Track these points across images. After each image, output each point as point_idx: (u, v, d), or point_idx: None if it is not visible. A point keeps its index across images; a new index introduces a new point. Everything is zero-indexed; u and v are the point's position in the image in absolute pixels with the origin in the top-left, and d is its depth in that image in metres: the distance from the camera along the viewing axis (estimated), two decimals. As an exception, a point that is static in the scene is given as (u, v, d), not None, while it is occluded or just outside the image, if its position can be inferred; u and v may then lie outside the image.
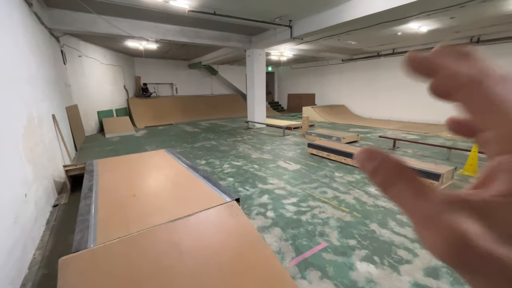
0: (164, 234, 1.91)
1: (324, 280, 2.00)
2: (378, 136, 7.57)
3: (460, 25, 7.16)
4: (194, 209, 2.22)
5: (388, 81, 11.72)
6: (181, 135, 8.87)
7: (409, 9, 5.34)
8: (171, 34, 7.61)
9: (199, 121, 12.73)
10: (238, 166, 5.03)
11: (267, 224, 2.87)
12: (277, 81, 18.92)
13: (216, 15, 6.06)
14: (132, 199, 2.47)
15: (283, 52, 10.68)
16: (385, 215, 2.99)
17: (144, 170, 3.54)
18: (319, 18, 6.55)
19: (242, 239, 1.97)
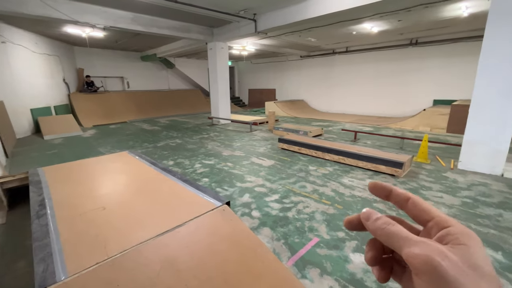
0: (155, 251, 1.64)
1: (325, 277, 2.00)
2: (340, 129, 8.05)
3: (405, 27, 8.00)
4: (182, 218, 1.98)
5: (342, 77, 12.57)
6: (139, 134, 8.09)
7: (366, 10, 5.72)
8: (123, 22, 6.79)
9: (157, 118, 11.82)
10: (211, 165, 4.79)
11: (255, 224, 2.77)
12: (238, 76, 18.71)
13: (178, 3, 5.59)
14: (102, 214, 2.09)
15: (245, 46, 10.52)
16: (363, 205, 3.16)
17: (107, 176, 3.07)
18: (284, 13, 6.57)
19: (243, 247, 1.83)
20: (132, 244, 1.67)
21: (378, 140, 6.57)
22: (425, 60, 9.83)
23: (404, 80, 10.50)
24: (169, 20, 7.62)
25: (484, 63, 3.94)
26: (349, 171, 4.37)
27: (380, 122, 9.54)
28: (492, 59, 3.86)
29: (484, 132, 4.08)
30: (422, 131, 7.86)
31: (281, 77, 15.70)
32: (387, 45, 10.58)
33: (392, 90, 10.88)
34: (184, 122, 10.46)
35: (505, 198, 3.31)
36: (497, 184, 3.74)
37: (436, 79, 9.65)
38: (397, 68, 10.63)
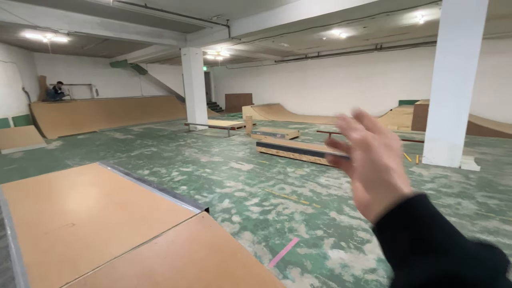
0: (130, 265, 1.58)
1: (305, 275, 2.05)
2: (315, 130, 8.31)
3: (370, 33, 8.53)
4: (159, 229, 1.93)
5: (315, 81, 13.04)
6: (111, 143, 7.71)
7: (333, 17, 6.02)
8: (89, 27, 6.48)
9: (130, 127, 11.34)
10: (189, 172, 4.70)
11: (236, 229, 2.76)
12: (213, 81, 18.61)
13: (148, 8, 5.47)
14: (71, 230, 1.96)
15: (220, 51, 10.53)
16: (340, 202, 3.29)
17: (76, 190, 2.89)
18: (256, 19, 6.70)
19: (224, 253, 1.82)
20: (105, 260, 1.59)
21: (351, 140, 6.88)
22: (390, 63, 10.55)
23: (372, 83, 11.15)
24: (140, 26, 7.41)
25: (438, 66, 4.33)
26: (325, 171, 4.53)
27: (352, 122, 10.00)
28: (445, 62, 4.26)
29: (442, 128, 4.46)
30: (390, 129, 8.37)
31: (257, 82, 15.89)
32: (355, 50, 11.19)
33: (362, 92, 11.50)
34: (159, 130, 10.14)
35: (463, 188, 3.63)
36: (456, 175, 4.10)
37: (400, 81, 10.37)
38: (365, 72, 11.27)
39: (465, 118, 4.26)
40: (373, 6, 5.02)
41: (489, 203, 3.17)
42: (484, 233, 2.55)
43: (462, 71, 4.13)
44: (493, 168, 4.38)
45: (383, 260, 2.18)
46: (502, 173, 4.14)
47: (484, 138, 6.68)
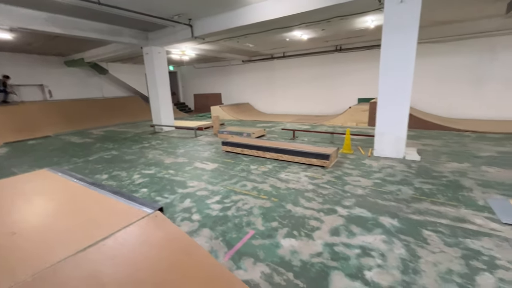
0: (74, 268, 1.56)
1: (257, 264, 2.18)
2: (280, 128, 8.59)
3: (328, 36, 9.04)
4: (109, 231, 1.92)
5: (282, 80, 13.42)
6: (67, 148, 7.20)
7: (293, 19, 6.29)
8: (35, 23, 5.98)
9: (89, 130, 10.65)
10: (151, 175, 4.61)
11: (195, 227, 2.81)
12: (181, 81, 18.17)
13: (102, 5, 5.22)
14: (11, 239, 1.86)
15: (184, 51, 10.35)
16: (296, 195, 3.51)
17: (20, 198, 2.70)
18: (219, 19, 6.74)
19: (174, 248, 1.87)
20: (47, 265, 1.55)
21: (313, 137, 7.26)
22: (349, 64, 11.26)
23: (334, 82, 11.80)
24: (95, 23, 7.02)
25: (383, 68, 4.78)
26: (286, 166, 4.75)
27: (316, 120, 10.52)
28: (388, 64, 4.72)
29: (388, 123, 4.94)
30: (349, 126, 8.98)
31: (225, 82, 15.88)
32: (318, 51, 11.75)
33: (325, 91, 12.12)
34: (122, 132, 9.68)
35: (405, 176, 4.08)
36: (400, 165, 4.58)
37: (358, 80, 11.14)
38: (327, 71, 11.89)
39: (406, 114, 4.76)
40: (326, 10, 5.36)
41: (424, 188, 3.61)
42: (416, 214, 2.92)
43: (402, 72, 4.62)
44: (431, 158, 4.96)
45: (329, 244, 2.41)
46: (438, 162, 4.71)
47: (428, 132, 7.49)
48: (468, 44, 8.61)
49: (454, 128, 7.35)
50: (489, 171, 4.12)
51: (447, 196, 3.32)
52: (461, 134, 6.91)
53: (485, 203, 3.08)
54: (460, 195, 3.34)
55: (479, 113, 8.84)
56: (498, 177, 3.88)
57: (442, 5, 6.17)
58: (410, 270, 2.05)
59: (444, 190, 3.49)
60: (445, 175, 4.05)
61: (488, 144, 5.80)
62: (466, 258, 2.17)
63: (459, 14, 7.00)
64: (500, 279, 1.93)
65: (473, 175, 4.00)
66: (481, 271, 2.01)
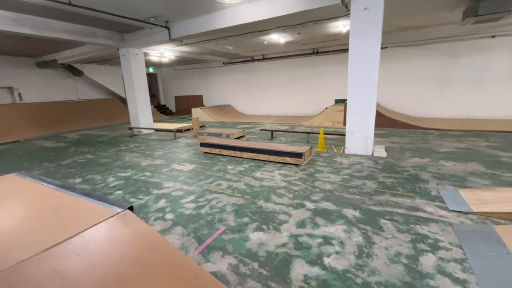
0: (38, 266, 1.60)
1: (225, 257, 2.30)
2: (260, 129, 8.75)
3: (305, 39, 9.35)
4: (76, 229, 1.96)
5: (262, 82, 13.63)
6: (37, 153, 6.93)
7: (268, 23, 6.49)
8: (2, 23, 5.74)
9: (63, 134, 10.26)
10: (127, 177, 4.58)
11: (167, 226, 2.88)
12: (162, 83, 17.90)
13: (72, 5, 5.12)
14: (-28, 242, 1.85)
15: (163, 53, 10.27)
16: (269, 192, 3.66)
17: (-16, 203, 2.64)
18: (196, 22, 6.80)
19: (142, 244, 1.95)
20: (10, 264, 1.58)
21: (291, 137, 7.49)
22: (326, 66, 11.68)
23: (312, 83, 12.18)
24: (67, 23, 6.83)
25: (351, 70, 5.08)
26: (262, 165, 4.91)
27: (295, 120, 10.81)
28: (355, 67, 5.02)
29: (357, 123, 5.24)
30: (326, 126, 9.32)
31: (207, 83, 15.85)
32: (296, 54, 12.08)
33: (304, 92, 12.47)
34: (98, 136, 9.42)
35: (371, 171, 4.36)
36: (368, 161, 4.88)
37: (335, 82, 11.57)
38: (305, 73, 12.25)
39: (373, 114, 5.08)
40: (298, 15, 5.58)
41: (386, 181, 3.89)
42: (377, 205, 3.16)
43: (368, 75, 4.93)
44: (397, 154, 5.32)
45: (294, 235, 2.57)
46: (402, 158, 5.06)
47: (397, 130, 7.96)
48: (432, 48, 9.26)
49: (419, 127, 7.88)
50: (446, 165, 4.50)
51: (406, 188, 3.61)
52: (426, 132, 7.42)
53: (438, 194, 3.39)
54: (417, 187, 3.64)
55: (442, 112, 9.51)
56: (452, 170, 4.25)
57: (404, 12, 6.62)
58: (364, 255, 2.25)
59: (404, 183, 3.78)
60: (406, 169, 4.37)
61: (448, 140, 6.29)
62: (414, 242, 2.41)
63: (422, 21, 7.53)
64: (440, 258, 2.17)
65: (431, 169, 4.36)
66: (425, 252, 2.25)
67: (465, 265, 2.08)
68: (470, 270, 2.02)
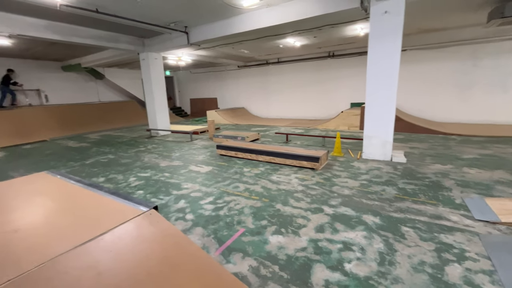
0: (74, 260, 1.71)
1: (246, 259, 2.34)
2: (274, 132, 8.78)
3: (321, 42, 9.32)
4: (107, 227, 2.07)
5: (276, 85, 13.67)
6: (63, 152, 7.29)
7: (285, 27, 6.53)
8: (33, 30, 6.14)
9: (86, 134, 10.73)
10: (147, 177, 4.74)
11: (188, 226, 2.96)
12: (177, 85, 18.34)
13: (100, 13, 5.40)
14: (14, 236, 2.00)
15: (181, 57, 10.55)
16: (286, 196, 3.67)
17: (21, 199, 2.83)
18: (214, 27, 6.97)
19: (167, 243, 2.02)
20: (50, 257, 1.70)
21: (306, 140, 7.46)
22: (342, 69, 11.56)
23: (327, 87, 12.08)
24: (93, 29, 7.19)
25: (369, 73, 5.02)
26: (278, 169, 4.93)
27: (310, 124, 10.75)
28: (374, 70, 4.96)
29: (376, 127, 5.16)
30: (341, 129, 9.21)
31: (221, 86, 16.09)
32: (311, 57, 12.04)
33: (319, 96, 12.39)
34: (118, 136, 9.79)
35: (390, 177, 4.27)
36: (387, 167, 4.78)
37: (351, 85, 11.43)
38: (321, 77, 12.18)
39: (392, 118, 4.99)
40: (316, 19, 5.60)
41: (407, 188, 3.80)
42: (397, 212, 3.10)
43: (388, 78, 4.86)
44: (417, 160, 5.18)
45: (314, 239, 2.58)
46: (422, 164, 4.93)
47: (416, 135, 7.74)
48: (453, 50, 8.95)
49: (440, 132, 7.62)
50: (469, 172, 4.34)
51: (428, 195, 3.52)
52: (446, 137, 7.17)
53: (462, 202, 3.28)
54: (440, 194, 3.53)
55: (464, 117, 9.14)
56: (477, 178, 4.09)
57: (426, 14, 6.47)
58: (386, 262, 2.22)
59: (426, 190, 3.68)
60: (428, 176, 4.25)
61: (471, 147, 6.05)
62: (438, 251, 2.35)
63: (443, 23, 7.33)
64: (467, 269, 2.11)
65: (454, 176, 4.21)
66: (451, 262, 2.19)
67: (494, 277, 2.01)
68: (499, 282, 1.95)
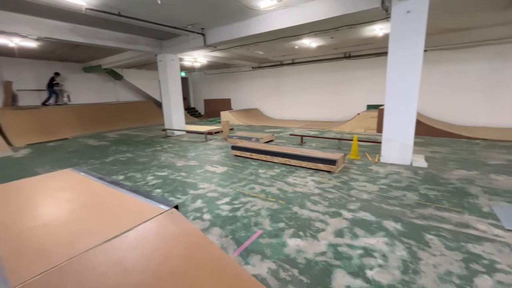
0: (102, 255, 1.76)
1: (265, 261, 2.32)
2: (289, 134, 8.72)
3: (337, 43, 9.18)
4: (130, 224, 2.12)
5: (291, 86, 13.59)
6: (84, 150, 7.57)
7: (302, 28, 6.49)
8: (59, 32, 6.42)
9: (104, 133, 11.10)
10: (164, 176, 4.83)
11: (206, 226, 2.99)
12: (192, 86, 18.64)
13: (121, 16, 5.58)
14: (44, 230, 2.09)
15: (196, 58, 10.71)
16: (303, 199, 3.63)
17: (48, 195, 2.96)
18: (230, 29, 7.03)
19: (189, 242, 2.05)
20: (78, 252, 1.76)
21: (321, 143, 7.36)
22: (358, 71, 11.33)
23: (342, 88, 11.88)
24: (114, 32, 7.44)
25: (389, 75, 4.89)
26: (294, 171, 4.88)
27: (324, 126, 10.60)
28: (395, 72, 4.82)
29: (395, 130, 5.01)
30: (357, 132, 9.02)
31: (235, 87, 16.19)
32: (326, 58, 11.89)
33: (334, 97, 12.20)
34: (135, 136, 10.06)
35: (411, 182, 4.13)
36: (407, 172, 4.63)
37: (367, 87, 11.18)
38: (336, 78, 11.99)
39: (413, 121, 4.82)
40: (334, 20, 5.53)
41: (429, 194, 3.66)
42: (420, 219, 2.99)
43: (409, 80, 4.71)
44: (439, 165, 4.98)
45: (333, 244, 2.53)
46: (445, 169, 4.73)
47: (437, 139, 7.46)
48: (478, 51, 8.56)
49: (463, 136, 7.30)
50: (497, 179, 4.12)
51: (452, 202, 3.37)
52: (470, 142, 6.85)
53: (490, 210, 3.12)
54: (466, 201, 3.38)
55: (489, 121, 8.70)
56: (506, 185, 3.88)
57: (450, 14, 6.23)
58: (410, 271, 2.14)
59: (450, 197, 3.53)
60: (451, 182, 4.08)
61: (498, 152, 5.75)
62: (466, 261, 2.24)
63: (468, 22, 7.02)
64: (498, 281, 2.00)
65: (481, 182, 4.01)
66: (480, 274, 2.08)
67: (530, 292, 1.89)
68: (536, 298, 1.83)
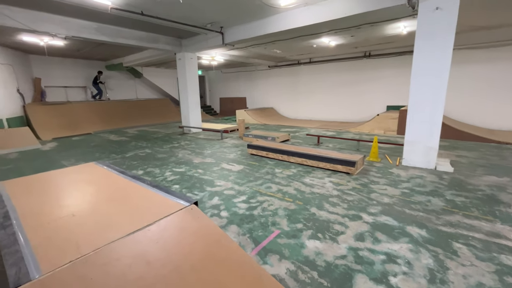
0: (126, 247, 1.80)
1: (283, 261, 2.29)
2: (305, 134, 8.61)
3: (358, 42, 8.93)
4: (152, 218, 2.16)
5: (307, 86, 13.41)
6: (106, 145, 7.86)
7: (322, 27, 6.35)
8: (86, 32, 6.68)
9: (124, 129, 11.47)
10: (182, 173, 4.91)
11: (223, 223, 3.00)
12: (208, 85, 18.86)
13: (144, 15, 5.72)
14: (72, 220, 2.17)
15: (214, 56, 10.81)
16: (321, 200, 3.56)
17: (75, 187, 3.09)
18: (249, 27, 7.02)
19: (209, 239, 2.05)
20: (104, 243, 1.81)
21: (338, 143, 7.20)
22: (378, 70, 10.98)
23: (361, 88, 11.56)
24: (136, 31, 7.65)
25: (415, 75, 4.68)
26: (311, 171, 4.80)
27: (341, 126, 10.37)
28: (420, 71, 4.61)
29: (419, 133, 4.80)
30: (377, 133, 8.74)
31: (251, 86, 16.20)
32: (345, 57, 11.61)
33: (352, 97, 11.90)
34: (154, 132, 10.32)
35: (435, 187, 3.94)
36: (431, 176, 4.42)
37: (388, 87, 10.81)
38: (355, 78, 11.69)
39: (439, 123, 4.60)
40: (356, 18, 5.37)
41: (456, 200, 3.47)
42: (447, 226, 2.84)
43: (436, 80, 4.48)
44: (466, 170, 4.72)
45: (353, 248, 2.46)
46: (473, 174, 4.47)
47: (463, 142, 7.07)
48: (508, 50, 8.02)
49: (492, 140, 6.87)
50: (532, 187, 3.84)
51: (482, 210, 3.17)
52: (500, 147, 6.44)
53: (525, 220, 2.91)
54: (497, 210, 3.17)
55: (523, 125, 8.15)
56: (542, 193, 3.61)
57: (481, 10, 5.87)
58: (438, 280, 2.03)
59: (479, 204, 3.33)
60: (481, 188, 3.85)
61: (532, 158, 5.37)
62: (499, 273, 2.10)
63: (500, 20, 6.58)
64: (537, 297, 1.85)
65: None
66: (517, 288, 1.94)
67: None
68: None
